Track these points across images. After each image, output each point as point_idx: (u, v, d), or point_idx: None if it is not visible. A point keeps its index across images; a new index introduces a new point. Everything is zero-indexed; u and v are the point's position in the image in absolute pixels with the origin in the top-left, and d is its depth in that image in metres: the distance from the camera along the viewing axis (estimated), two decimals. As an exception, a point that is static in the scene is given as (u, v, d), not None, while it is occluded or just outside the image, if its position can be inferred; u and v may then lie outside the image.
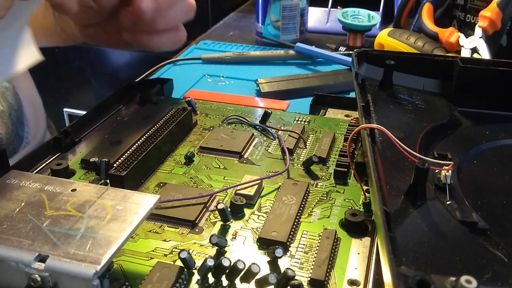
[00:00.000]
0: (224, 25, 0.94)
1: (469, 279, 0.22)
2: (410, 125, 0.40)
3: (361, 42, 0.77)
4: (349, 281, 0.29)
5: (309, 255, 0.31)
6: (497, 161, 0.38)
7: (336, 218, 0.34)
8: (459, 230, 0.28)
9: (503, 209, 0.32)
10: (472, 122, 0.42)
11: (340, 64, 0.68)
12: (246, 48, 0.77)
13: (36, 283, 0.25)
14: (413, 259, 0.25)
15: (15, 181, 0.32)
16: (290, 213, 0.34)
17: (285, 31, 0.79)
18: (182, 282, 0.28)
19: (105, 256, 0.26)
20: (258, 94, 0.60)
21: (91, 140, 0.44)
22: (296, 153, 0.42)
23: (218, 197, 0.36)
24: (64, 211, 0.29)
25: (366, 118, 0.38)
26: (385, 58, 0.45)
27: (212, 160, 0.41)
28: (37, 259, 0.26)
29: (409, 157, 0.32)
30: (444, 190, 0.32)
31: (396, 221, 0.28)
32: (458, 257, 0.26)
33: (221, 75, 0.66)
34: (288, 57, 0.71)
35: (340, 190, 0.37)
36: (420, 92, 0.46)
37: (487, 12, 0.60)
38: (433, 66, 0.47)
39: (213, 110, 0.50)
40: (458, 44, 0.62)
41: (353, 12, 0.77)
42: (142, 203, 0.29)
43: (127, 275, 0.29)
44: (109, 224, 0.28)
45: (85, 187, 0.31)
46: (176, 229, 0.33)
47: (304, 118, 0.48)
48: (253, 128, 0.47)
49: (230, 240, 0.32)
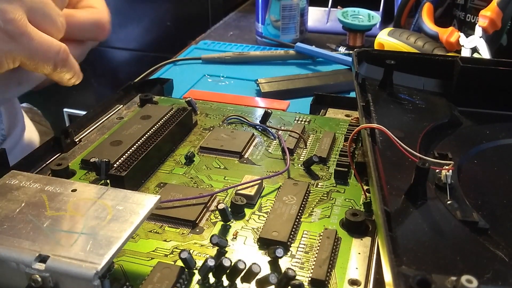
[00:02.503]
0: (224, 25, 0.94)
1: (470, 279, 0.22)
2: (410, 125, 0.40)
3: (361, 42, 0.77)
4: (350, 281, 0.29)
5: (309, 255, 0.31)
6: (498, 161, 0.38)
7: (336, 218, 0.34)
8: (459, 229, 0.28)
9: (503, 209, 0.32)
10: (472, 122, 0.42)
11: (340, 64, 0.68)
12: (246, 48, 0.77)
13: (36, 283, 0.25)
14: (414, 259, 0.25)
15: (15, 182, 0.32)
16: (290, 213, 0.34)
17: (285, 31, 0.79)
18: (183, 282, 0.28)
19: (106, 256, 0.26)
20: (258, 94, 0.60)
21: (91, 140, 0.44)
22: (296, 153, 0.42)
23: (218, 197, 0.36)
24: (65, 212, 0.29)
25: (367, 118, 0.38)
26: (385, 58, 0.45)
27: (213, 160, 0.41)
28: (38, 259, 0.26)
29: (409, 156, 0.32)
30: (445, 189, 0.32)
31: (397, 221, 0.28)
32: (458, 257, 0.26)
33: (221, 75, 0.66)
34: (288, 57, 0.71)
35: (341, 190, 0.37)
36: (420, 92, 0.46)
37: (487, 11, 0.60)
38: (433, 65, 0.47)
39: (213, 110, 0.50)
40: (458, 44, 0.62)
41: (353, 12, 0.77)
42: (143, 203, 0.29)
43: (127, 275, 0.29)
44: (110, 224, 0.28)
45: (86, 188, 0.31)
46: (176, 229, 0.33)
47: (305, 118, 0.48)
48: (253, 128, 0.47)
49: (231, 240, 0.32)
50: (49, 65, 0.39)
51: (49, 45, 0.39)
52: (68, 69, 0.41)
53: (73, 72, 0.42)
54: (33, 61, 0.38)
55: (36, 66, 0.39)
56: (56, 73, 0.41)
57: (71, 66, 0.41)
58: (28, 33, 0.37)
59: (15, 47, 0.37)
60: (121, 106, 0.50)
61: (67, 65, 0.41)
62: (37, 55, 0.38)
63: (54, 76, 0.41)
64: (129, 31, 1.30)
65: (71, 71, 0.42)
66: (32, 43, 0.38)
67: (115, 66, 1.34)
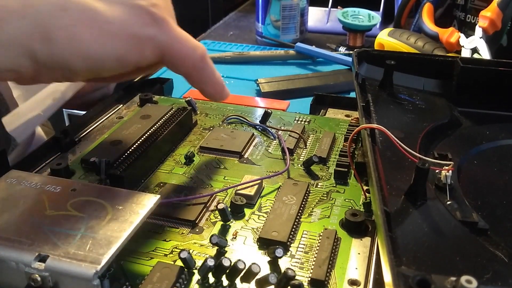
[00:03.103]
0: (224, 25, 0.94)
1: (469, 279, 0.22)
2: (410, 125, 0.40)
3: (361, 42, 0.77)
4: (350, 281, 0.29)
5: (309, 255, 0.31)
6: (497, 161, 0.38)
7: (336, 218, 0.34)
8: (459, 230, 0.28)
9: (503, 209, 0.32)
10: (472, 122, 0.42)
11: (340, 64, 0.68)
12: (246, 48, 0.77)
13: (36, 283, 0.25)
14: (414, 259, 0.25)
15: (15, 181, 0.32)
16: (290, 213, 0.34)
17: (285, 31, 0.79)
18: (183, 282, 0.28)
19: (105, 256, 0.26)
20: (258, 94, 0.60)
21: (91, 140, 0.44)
22: (296, 153, 0.42)
23: (218, 197, 0.36)
24: (64, 211, 0.29)
25: (367, 118, 0.38)
26: (386, 58, 0.45)
27: (212, 160, 0.41)
28: (37, 259, 0.26)
29: (409, 157, 0.32)
30: (444, 190, 0.32)
31: (397, 221, 0.28)
32: (458, 257, 0.26)
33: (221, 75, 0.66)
34: (288, 57, 0.71)
35: (341, 190, 0.37)
36: (420, 92, 0.46)
37: (487, 12, 0.60)
38: (434, 66, 0.47)
39: (213, 110, 0.50)
40: (458, 44, 0.62)
41: (353, 12, 0.77)
42: (142, 203, 0.29)
43: (127, 275, 0.29)
44: (109, 224, 0.28)
45: (85, 187, 0.31)
46: (176, 229, 0.33)
47: (304, 118, 0.48)
48: (253, 128, 0.47)
49: (231, 240, 0.32)
50: (189, 60, 0.35)
51: (188, 37, 0.35)
52: (210, 71, 0.37)
53: (215, 80, 0.38)
54: (174, 51, 0.34)
55: (175, 60, 0.35)
56: (196, 73, 0.36)
57: (212, 69, 0.37)
58: (169, 21, 0.35)
59: (158, 32, 0.33)
60: (121, 105, 0.50)
61: (208, 64, 0.37)
62: (179, 44, 0.35)
63: (193, 79, 0.37)
64: (129, 31, 1.29)
65: (214, 76, 0.38)
66: (174, 32, 0.34)
67: (115, 66, 1.34)
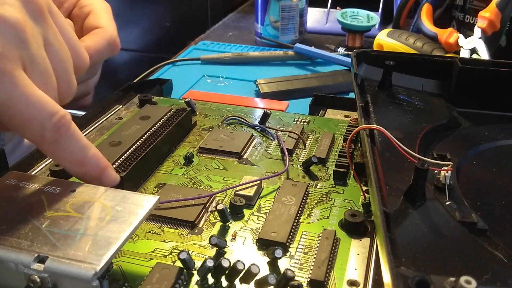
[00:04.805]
0: (223, 26, 0.94)
1: (468, 280, 0.22)
2: (409, 126, 0.40)
3: (360, 43, 0.77)
4: (349, 281, 0.29)
5: (308, 255, 0.31)
6: (496, 162, 0.38)
7: (335, 219, 0.34)
8: (458, 230, 0.28)
9: (502, 210, 0.32)
10: (471, 123, 0.42)
11: (339, 65, 0.68)
12: (245, 49, 0.77)
13: (35, 284, 0.25)
14: (413, 260, 0.25)
15: (14, 182, 0.32)
16: (289, 213, 0.34)
17: (284, 32, 0.79)
18: (182, 283, 0.28)
19: (105, 257, 0.26)
20: (257, 94, 0.60)
21: (90, 140, 0.44)
22: (295, 153, 0.42)
23: (217, 197, 0.36)
24: (64, 212, 0.29)
25: (366, 119, 0.38)
26: (384, 59, 0.45)
27: (212, 160, 0.41)
28: (36, 260, 0.26)
29: (408, 157, 0.32)
30: (444, 190, 0.32)
31: (396, 222, 0.28)
32: (457, 258, 0.26)
33: (220, 75, 0.66)
34: (287, 57, 0.71)
35: (340, 191, 0.37)
36: (419, 93, 0.46)
37: (486, 12, 0.60)
38: (432, 66, 0.47)
39: (212, 110, 0.50)
40: (457, 45, 0.62)
41: (352, 12, 0.77)
42: (142, 204, 0.29)
43: (126, 276, 0.29)
44: (109, 225, 0.28)
45: (85, 188, 0.31)
46: (175, 230, 0.33)
47: (304, 118, 0.48)
48: (252, 128, 0.47)
49: (230, 241, 0.32)
50: (35, 126, 0.29)
51: (44, 100, 0.29)
52: (69, 148, 0.31)
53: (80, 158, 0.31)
54: (14, 112, 0.29)
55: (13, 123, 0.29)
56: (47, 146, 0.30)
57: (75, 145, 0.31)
58: (15, 75, 0.29)
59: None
60: (120, 106, 0.50)
61: (66, 139, 0.30)
62: (23, 106, 0.29)
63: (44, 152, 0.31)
64: (129, 32, 1.30)
65: (78, 154, 0.31)
66: (19, 89, 0.29)
67: (114, 67, 1.34)
